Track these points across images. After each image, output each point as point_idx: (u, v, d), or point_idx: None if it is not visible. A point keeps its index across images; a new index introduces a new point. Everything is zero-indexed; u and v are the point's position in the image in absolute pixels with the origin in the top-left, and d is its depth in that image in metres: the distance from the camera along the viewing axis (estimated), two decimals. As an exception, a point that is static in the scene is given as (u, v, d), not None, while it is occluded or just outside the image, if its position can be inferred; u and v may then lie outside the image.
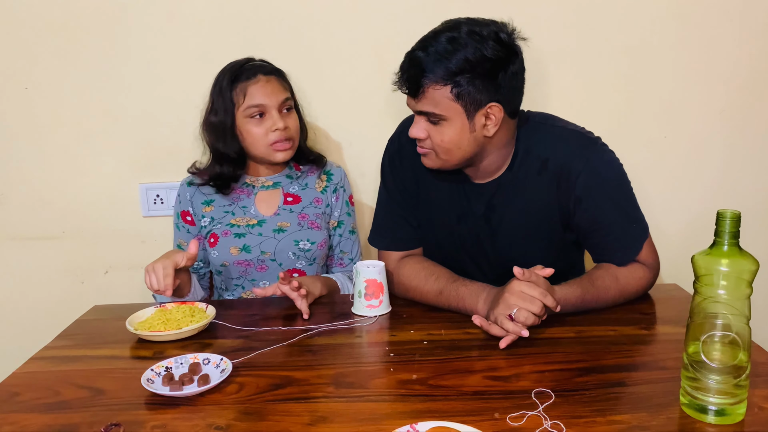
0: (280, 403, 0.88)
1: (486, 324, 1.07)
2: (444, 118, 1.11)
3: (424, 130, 1.14)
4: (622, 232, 1.22)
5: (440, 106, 1.10)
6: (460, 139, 1.13)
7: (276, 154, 1.38)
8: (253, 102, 1.34)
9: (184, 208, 1.45)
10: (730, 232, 0.78)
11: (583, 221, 1.22)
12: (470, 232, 1.28)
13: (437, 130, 1.13)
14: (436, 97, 1.09)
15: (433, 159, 1.18)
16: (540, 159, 1.20)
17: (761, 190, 1.73)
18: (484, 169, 1.22)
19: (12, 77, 1.63)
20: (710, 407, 0.80)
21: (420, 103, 1.11)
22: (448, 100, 1.09)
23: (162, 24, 1.61)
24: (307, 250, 1.42)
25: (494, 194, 1.25)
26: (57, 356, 1.08)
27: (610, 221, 1.21)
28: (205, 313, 1.19)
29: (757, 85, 1.67)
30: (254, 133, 1.36)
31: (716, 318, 0.79)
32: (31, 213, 1.72)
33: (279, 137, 1.36)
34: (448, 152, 1.15)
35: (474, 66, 1.06)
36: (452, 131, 1.12)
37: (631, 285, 1.21)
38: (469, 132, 1.12)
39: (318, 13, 1.61)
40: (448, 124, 1.11)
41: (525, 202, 1.23)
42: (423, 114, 1.13)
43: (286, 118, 1.38)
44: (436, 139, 1.14)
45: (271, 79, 1.38)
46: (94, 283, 1.77)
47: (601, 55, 1.64)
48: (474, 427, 0.78)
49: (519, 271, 1.06)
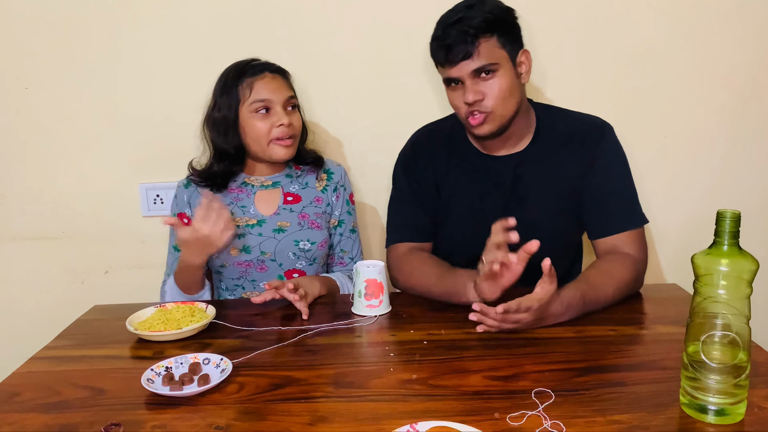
0: (280, 403, 0.88)
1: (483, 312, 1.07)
2: (497, 67, 1.21)
3: (479, 92, 1.22)
4: (622, 203, 1.30)
5: (493, 56, 1.21)
6: (512, 85, 1.24)
7: (277, 150, 1.37)
8: (260, 97, 1.34)
9: (181, 210, 1.44)
10: (730, 232, 0.78)
11: (590, 186, 1.30)
12: (495, 205, 1.34)
13: (491, 84, 1.22)
14: (488, 48, 1.20)
15: (490, 120, 1.25)
16: (563, 134, 1.32)
17: (761, 190, 1.73)
18: (513, 136, 1.32)
19: (12, 77, 1.64)
20: (710, 407, 0.80)
21: (474, 60, 1.20)
22: (497, 49, 1.21)
23: (162, 24, 1.61)
24: (308, 250, 1.42)
25: (519, 165, 1.33)
26: (57, 356, 1.08)
27: (613, 189, 1.30)
28: (205, 313, 1.19)
29: (757, 85, 1.67)
30: (258, 127, 1.36)
31: (716, 318, 0.79)
32: (31, 213, 1.72)
33: (282, 133, 1.36)
34: (506, 103, 1.24)
35: (504, 15, 1.23)
36: (505, 79, 1.22)
37: (624, 277, 1.21)
38: (516, 78, 1.25)
39: (318, 13, 1.61)
40: (500, 74, 1.22)
41: (551, 172, 1.32)
42: (478, 72, 1.21)
43: (290, 115, 1.38)
44: (494, 92, 1.22)
45: (277, 77, 1.38)
46: (94, 283, 1.77)
47: (601, 55, 1.64)
48: (474, 427, 0.78)
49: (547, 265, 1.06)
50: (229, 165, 1.41)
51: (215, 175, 1.41)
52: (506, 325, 1.06)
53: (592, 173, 1.30)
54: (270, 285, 1.24)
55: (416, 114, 1.66)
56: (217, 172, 1.41)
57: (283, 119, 1.35)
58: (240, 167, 1.44)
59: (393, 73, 1.66)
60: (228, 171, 1.42)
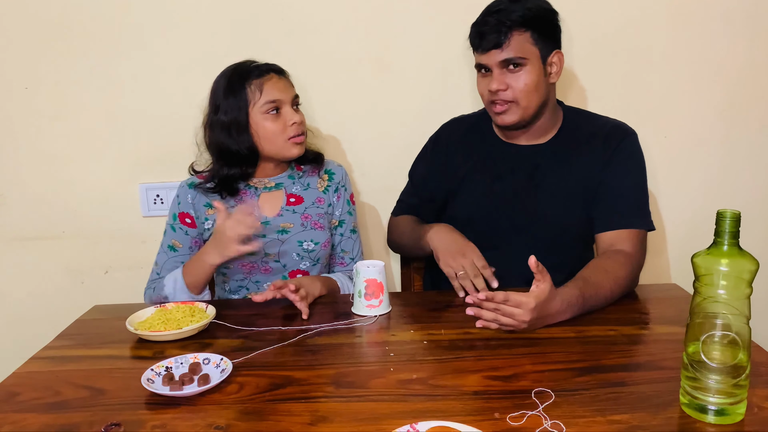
0: (280, 403, 0.88)
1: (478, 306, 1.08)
2: (525, 62, 1.25)
3: (504, 83, 1.27)
4: (631, 203, 1.32)
5: (523, 50, 1.25)
6: (538, 82, 1.27)
7: (293, 148, 1.38)
8: (271, 98, 1.34)
9: (183, 210, 1.43)
10: (730, 232, 0.78)
11: (603, 182, 1.32)
12: (507, 188, 1.38)
13: (517, 77, 1.26)
14: (520, 42, 1.25)
15: (513, 111, 1.30)
16: (587, 133, 1.36)
17: (761, 190, 1.74)
18: (536, 129, 1.36)
19: (12, 77, 1.64)
20: (710, 407, 0.80)
21: (505, 51, 1.25)
22: (529, 45, 1.25)
23: (162, 25, 1.61)
24: (311, 250, 1.42)
25: (540, 155, 1.37)
26: (57, 356, 1.08)
27: (624, 188, 1.32)
28: (205, 313, 1.19)
29: (757, 85, 1.67)
30: (271, 128, 1.35)
31: (716, 318, 0.79)
32: (31, 213, 1.72)
33: (297, 131, 1.37)
34: (529, 96, 1.28)
35: (542, 15, 1.27)
36: (532, 75, 1.26)
37: (620, 274, 1.21)
38: (543, 76, 1.28)
39: (318, 13, 1.61)
40: (528, 69, 1.26)
41: (569, 165, 1.35)
42: (506, 63, 1.26)
43: (298, 113, 1.39)
44: (519, 85, 1.27)
45: (282, 77, 1.39)
46: (94, 283, 1.77)
47: (600, 55, 1.64)
48: (474, 427, 0.78)
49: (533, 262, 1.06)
50: (244, 167, 1.39)
51: (230, 179, 1.39)
52: (503, 319, 1.05)
53: (608, 171, 1.32)
54: (274, 285, 1.24)
55: (416, 114, 1.67)
56: (233, 175, 1.39)
57: (295, 117, 1.36)
58: (254, 169, 1.42)
59: (393, 72, 1.66)
60: (243, 174, 1.40)
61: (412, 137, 1.57)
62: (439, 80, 1.66)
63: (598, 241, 1.33)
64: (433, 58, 1.64)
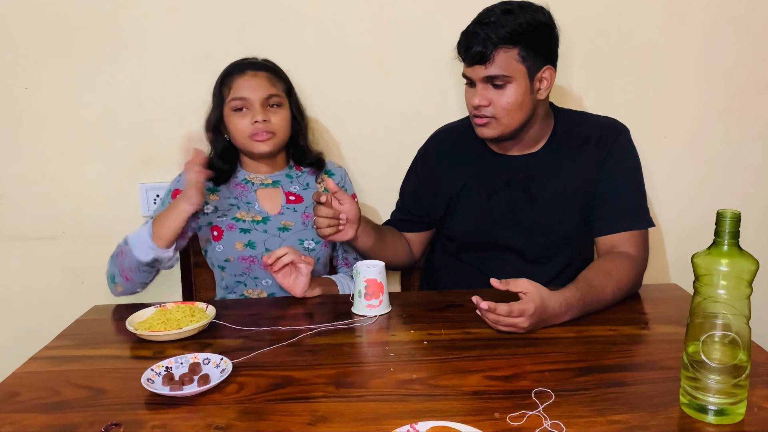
0: (280, 403, 0.88)
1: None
2: (510, 80, 1.22)
3: (486, 98, 1.24)
4: (628, 204, 1.30)
5: (508, 68, 1.21)
6: (523, 101, 1.24)
7: (255, 145, 1.38)
8: (237, 95, 1.36)
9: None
10: (730, 232, 0.78)
11: (599, 185, 1.30)
12: (504, 204, 1.36)
13: (501, 94, 1.23)
14: (506, 59, 1.20)
15: (493, 126, 1.27)
16: (579, 136, 1.33)
17: (761, 190, 1.73)
18: (526, 140, 1.33)
19: (12, 77, 1.63)
20: (710, 407, 0.80)
21: (490, 67, 1.21)
22: (515, 62, 1.21)
23: (162, 24, 1.61)
24: (312, 249, 1.42)
25: (533, 165, 1.34)
26: (57, 356, 1.08)
27: (621, 189, 1.30)
28: (205, 313, 1.19)
29: (757, 85, 1.67)
30: (236, 125, 1.38)
31: (716, 318, 0.79)
32: (31, 213, 1.72)
33: (257, 129, 1.36)
34: (511, 115, 1.24)
35: (534, 30, 1.20)
36: (516, 93, 1.22)
37: (623, 277, 1.21)
38: (529, 93, 1.24)
39: (318, 13, 1.61)
40: (513, 87, 1.22)
41: (564, 172, 1.33)
42: (490, 79, 1.22)
43: (269, 112, 1.38)
44: (501, 102, 1.23)
45: (259, 74, 1.38)
46: (94, 283, 1.76)
47: (600, 55, 1.64)
48: (474, 427, 0.78)
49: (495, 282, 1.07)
50: (223, 162, 1.43)
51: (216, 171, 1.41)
52: (502, 327, 1.06)
53: (603, 172, 1.30)
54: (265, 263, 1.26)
55: (417, 114, 1.67)
56: (215, 167, 1.41)
57: (258, 116, 1.35)
58: (234, 164, 1.46)
59: (393, 73, 1.66)
60: (224, 169, 1.43)
61: (412, 137, 1.56)
62: (440, 80, 1.65)
63: (598, 244, 1.33)
64: (435, 58, 1.64)
